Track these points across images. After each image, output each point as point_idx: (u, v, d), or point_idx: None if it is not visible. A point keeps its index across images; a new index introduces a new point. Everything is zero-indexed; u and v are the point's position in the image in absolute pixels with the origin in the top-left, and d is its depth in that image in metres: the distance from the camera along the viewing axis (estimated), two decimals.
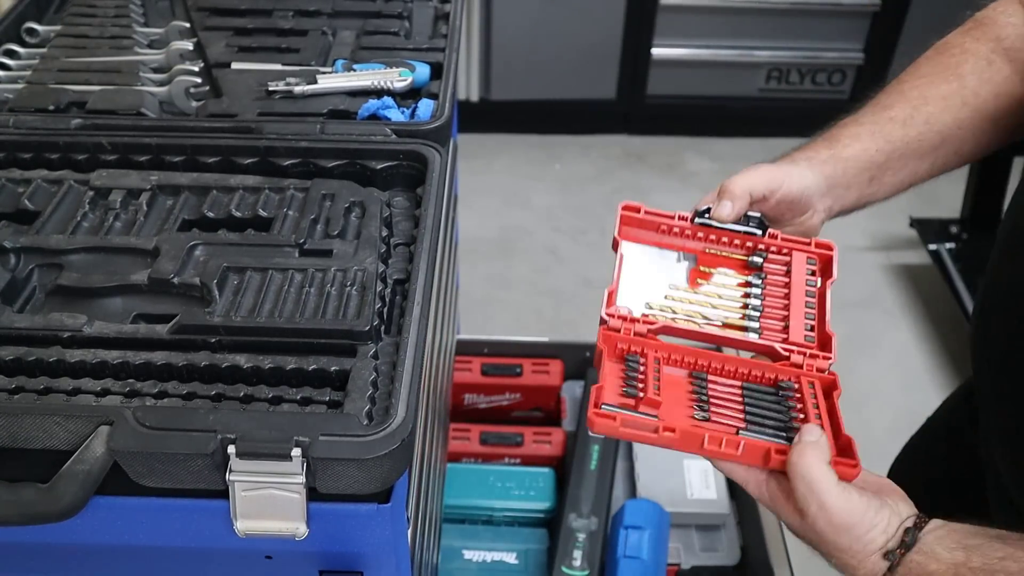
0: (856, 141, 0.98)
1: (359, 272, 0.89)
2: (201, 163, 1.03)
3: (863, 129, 0.99)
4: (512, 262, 2.96)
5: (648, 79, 3.31)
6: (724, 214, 0.93)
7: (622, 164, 3.36)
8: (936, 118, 0.98)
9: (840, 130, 1.00)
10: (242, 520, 0.73)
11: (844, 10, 3.21)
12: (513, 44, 3.23)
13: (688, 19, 3.24)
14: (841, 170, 0.97)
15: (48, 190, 0.98)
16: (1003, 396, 0.96)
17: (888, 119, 0.99)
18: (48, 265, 0.91)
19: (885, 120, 0.99)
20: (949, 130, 0.99)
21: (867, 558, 0.77)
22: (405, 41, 1.29)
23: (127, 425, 0.71)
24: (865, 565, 0.77)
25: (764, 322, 0.91)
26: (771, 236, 0.96)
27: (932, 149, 0.99)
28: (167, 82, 1.13)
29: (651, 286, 0.93)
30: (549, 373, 1.78)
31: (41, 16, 1.32)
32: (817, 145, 0.99)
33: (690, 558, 1.53)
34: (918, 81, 1.01)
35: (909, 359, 2.64)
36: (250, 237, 0.94)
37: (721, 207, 0.93)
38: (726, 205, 0.93)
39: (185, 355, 0.81)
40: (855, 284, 2.80)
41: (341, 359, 0.81)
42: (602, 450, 1.63)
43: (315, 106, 1.12)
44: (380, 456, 0.70)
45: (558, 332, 2.60)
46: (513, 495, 1.60)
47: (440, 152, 1.02)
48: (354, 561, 0.78)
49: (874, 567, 0.77)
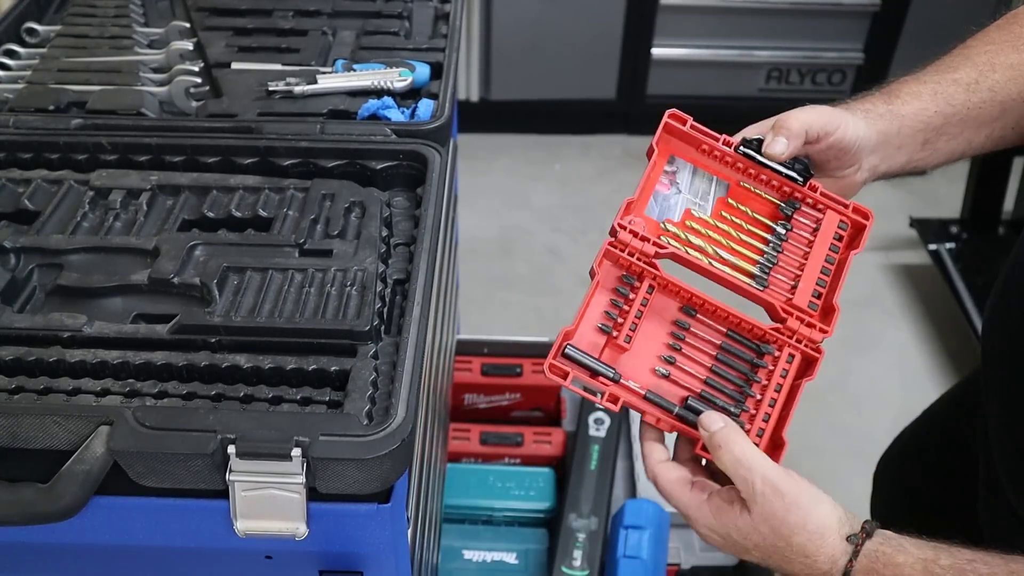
0: (916, 99, 0.93)
1: (359, 272, 0.89)
2: (201, 163, 1.03)
3: (924, 88, 0.94)
4: (512, 262, 2.95)
5: (648, 79, 3.31)
6: (777, 151, 0.87)
7: (622, 164, 3.36)
8: (1001, 87, 0.93)
9: (900, 86, 0.95)
10: (242, 520, 0.73)
11: (844, 10, 3.20)
12: (513, 44, 3.23)
13: (688, 19, 3.24)
14: (896, 128, 0.92)
15: (48, 190, 0.98)
16: (1007, 386, 0.96)
17: (952, 80, 0.93)
18: (48, 265, 0.91)
19: (949, 82, 0.94)
20: (1013, 102, 0.94)
21: (824, 541, 0.75)
22: (405, 41, 1.29)
23: (127, 425, 0.71)
24: (824, 549, 0.75)
25: (773, 276, 0.88)
26: (811, 187, 0.90)
27: (991, 120, 0.94)
28: (167, 82, 1.13)
29: (673, 206, 0.89)
30: None
31: (41, 16, 1.32)
32: (875, 99, 0.94)
33: (690, 558, 1.53)
34: (987, 47, 0.96)
35: (909, 359, 2.63)
36: (250, 237, 0.94)
37: (775, 143, 0.87)
38: (780, 142, 0.87)
39: (185, 355, 0.81)
40: (855, 284, 2.78)
41: (341, 359, 0.81)
42: (602, 450, 1.63)
43: (315, 106, 1.12)
44: (380, 456, 0.70)
45: (558, 332, 2.60)
46: (513, 495, 1.60)
47: (440, 152, 1.02)
48: (354, 561, 0.78)
49: (833, 551, 0.75)
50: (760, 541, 0.77)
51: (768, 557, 0.78)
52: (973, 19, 1.04)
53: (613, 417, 1.69)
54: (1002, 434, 0.97)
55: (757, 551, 0.78)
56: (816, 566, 0.76)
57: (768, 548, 0.77)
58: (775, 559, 0.78)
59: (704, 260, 0.87)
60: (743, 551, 0.79)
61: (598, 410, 1.71)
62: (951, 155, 0.96)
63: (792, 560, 0.77)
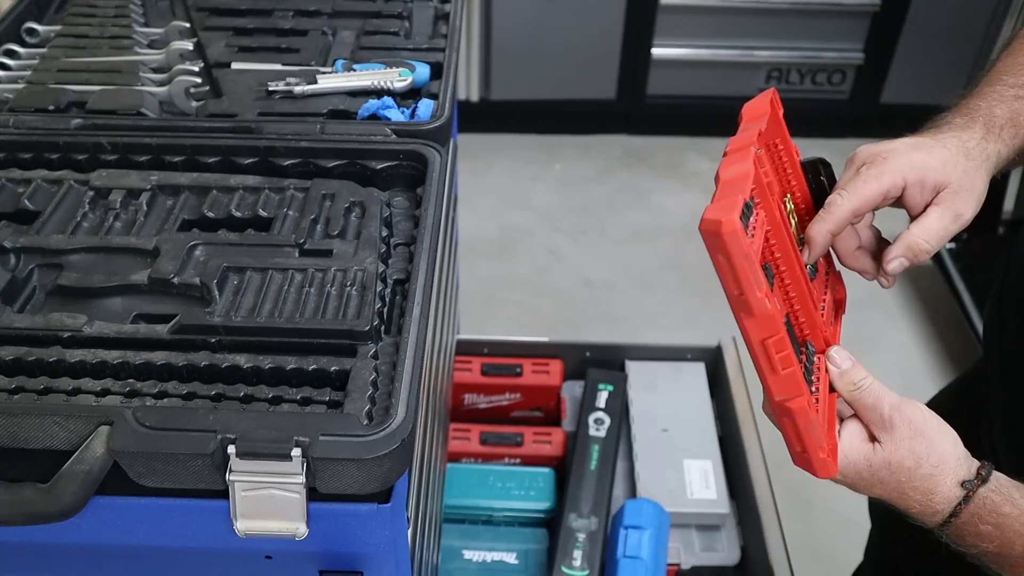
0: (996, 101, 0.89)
1: (359, 272, 0.89)
2: (201, 163, 1.03)
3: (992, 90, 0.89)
4: (512, 262, 2.95)
5: (648, 79, 3.31)
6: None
7: (622, 164, 3.36)
8: None
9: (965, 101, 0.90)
10: (242, 520, 0.73)
11: (844, 10, 3.20)
12: (513, 44, 3.23)
13: (688, 19, 3.24)
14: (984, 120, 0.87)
15: (48, 190, 0.98)
16: (1009, 380, 0.96)
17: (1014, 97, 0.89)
18: (48, 265, 0.91)
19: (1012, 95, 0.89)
20: None
21: (943, 479, 0.75)
22: (405, 41, 1.29)
23: (127, 425, 0.71)
24: (942, 487, 0.75)
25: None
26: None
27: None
28: (167, 82, 1.13)
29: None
30: (549, 373, 1.78)
31: (41, 16, 1.32)
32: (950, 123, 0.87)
33: (690, 558, 1.53)
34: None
35: (909, 359, 2.63)
36: (250, 237, 0.94)
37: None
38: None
39: (185, 355, 0.81)
40: (855, 284, 2.78)
41: (341, 359, 0.81)
42: (602, 450, 1.63)
43: (315, 106, 1.12)
44: (380, 456, 0.70)
45: (558, 332, 2.60)
46: (513, 495, 1.60)
47: (440, 152, 1.02)
48: (354, 561, 0.78)
49: (949, 493, 0.75)
50: (886, 475, 0.77)
51: (891, 491, 0.78)
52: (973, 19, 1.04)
53: (613, 417, 1.69)
54: (1005, 432, 0.98)
55: (880, 488, 0.78)
56: (932, 504, 0.77)
57: (893, 483, 0.77)
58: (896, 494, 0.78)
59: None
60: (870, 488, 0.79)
61: (598, 410, 1.71)
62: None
63: (910, 497, 0.77)
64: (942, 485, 0.76)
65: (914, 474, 0.76)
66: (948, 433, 0.78)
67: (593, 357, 1.80)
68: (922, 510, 0.78)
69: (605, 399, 1.73)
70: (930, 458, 0.76)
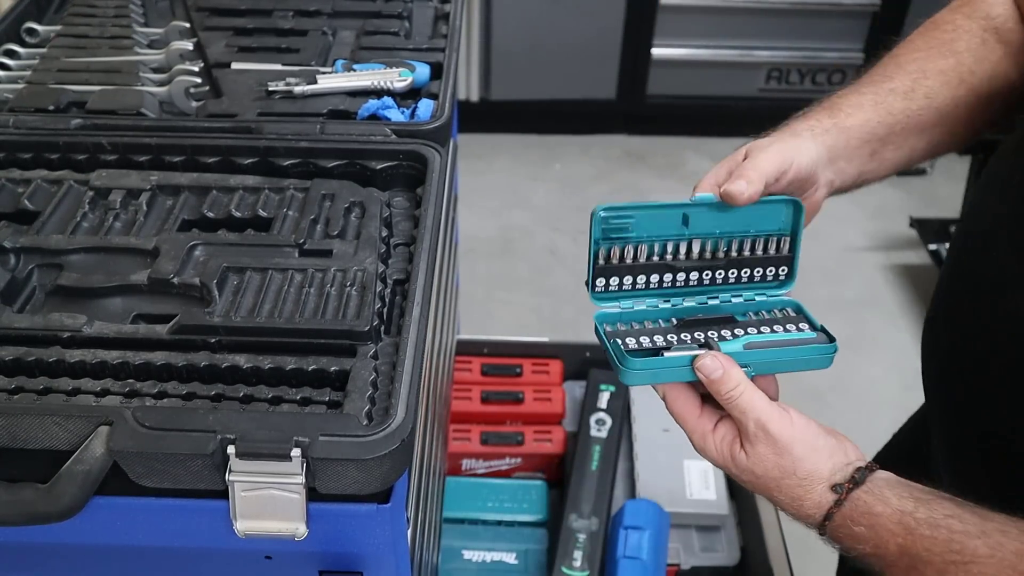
0: (859, 111, 0.93)
1: (359, 272, 0.89)
2: (201, 163, 1.03)
3: (865, 99, 0.94)
4: (512, 262, 2.95)
5: (648, 79, 3.31)
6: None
7: (622, 164, 3.36)
8: (936, 93, 0.95)
9: (841, 99, 0.95)
10: (242, 520, 0.73)
11: (844, 10, 3.21)
12: (513, 44, 3.23)
13: (688, 19, 3.24)
14: (844, 141, 0.92)
15: (48, 190, 0.98)
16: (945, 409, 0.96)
17: (889, 90, 0.94)
18: (48, 265, 0.90)
19: (886, 91, 0.94)
20: (947, 107, 0.95)
21: (813, 488, 0.77)
22: (405, 41, 1.29)
23: (127, 425, 0.71)
24: (811, 495, 0.77)
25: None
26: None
27: (931, 126, 0.96)
28: (167, 82, 1.13)
29: None
30: (549, 373, 1.78)
31: (41, 16, 1.32)
32: (818, 114, 0.94)
33: (690, 558, 1.53)
34: (915, 55, 0.97)
35: (909, 359, 2.63)
36: (250, 237, 0.94)
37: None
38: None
39: (185, 355, 0.81)
40: (855, 284, 2.80)
41: (341, 359, 0.81)
42: (603, 450, 1.64)
43: (315, 106, 1.12)
44: (380, 456, 0.70)
45: (558, 332, 2.60)
46: (506, 508, 1.61)
47: (440, 152, 1.02)
48: (354, 561, 0.78)
49: (820, 498, 0.77)
50: (752, 480, 0.80)
51: (762, 493, 0.81)
52: None
53: (615, 417, 1.69)
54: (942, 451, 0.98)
55: (750, 486, 0.81)
56: (803, 510, 0.78)
57: (761, 486, 0.80)
58: (768, 496, 0.80)
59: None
60: (743, 483, 0.82)
61: (599, 410, 1.71)
62: (897, 164, 0.97)
63: (781, 501, 0.79)
64: (812, 492, 0.77)
65: (781, 484, 0.78)
66: (821, 449, 0.78)
67: (593, 357, 1.80)
68: (795, 514, 0.79)
69: (607, 399, 1.73)
70: (797, 473, 0.77)
